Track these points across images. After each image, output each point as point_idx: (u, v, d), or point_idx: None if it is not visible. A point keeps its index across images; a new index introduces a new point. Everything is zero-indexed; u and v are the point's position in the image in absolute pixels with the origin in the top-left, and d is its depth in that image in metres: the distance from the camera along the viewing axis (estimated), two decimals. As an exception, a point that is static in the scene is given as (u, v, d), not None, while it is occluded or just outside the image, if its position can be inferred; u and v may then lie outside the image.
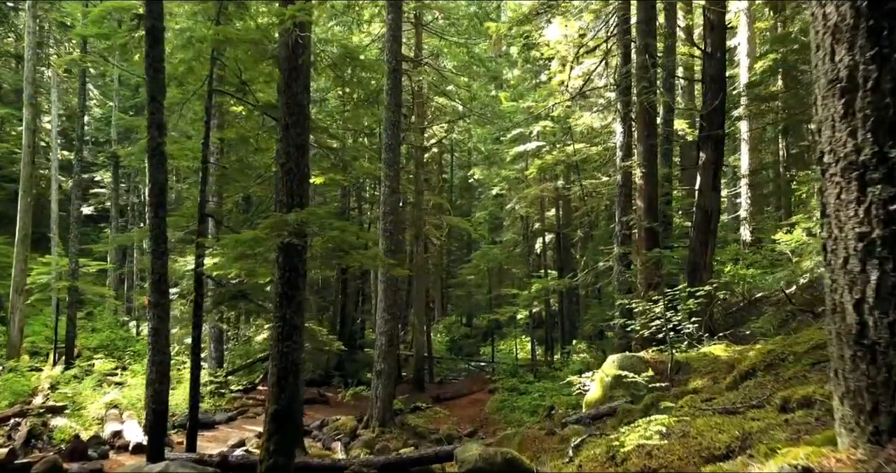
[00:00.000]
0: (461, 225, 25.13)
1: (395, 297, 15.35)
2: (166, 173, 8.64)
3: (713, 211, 12.72)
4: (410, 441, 14.34)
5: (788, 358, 5.55)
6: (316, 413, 17.50)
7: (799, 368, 5.20)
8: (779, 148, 24.56)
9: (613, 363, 9.02)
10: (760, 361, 5.78)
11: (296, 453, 7.22)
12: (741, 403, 4.46)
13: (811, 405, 3.60)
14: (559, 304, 25.52)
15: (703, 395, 5.44)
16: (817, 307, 11.41)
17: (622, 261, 13.57)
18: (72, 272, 20.54)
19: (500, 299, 27.35)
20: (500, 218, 34.19)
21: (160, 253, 8.61)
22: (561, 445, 6.90)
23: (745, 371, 5.86)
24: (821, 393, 3.57)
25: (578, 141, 21.60)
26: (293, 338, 7.14)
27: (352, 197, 29.64)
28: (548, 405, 16.10)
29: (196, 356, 9.31)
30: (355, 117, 22.35)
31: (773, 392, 4.72)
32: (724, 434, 3.47)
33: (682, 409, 4.89)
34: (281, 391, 7.00)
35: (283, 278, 7.17)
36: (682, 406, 5.07)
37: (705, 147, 12.77)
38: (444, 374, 26.37)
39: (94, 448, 11.44)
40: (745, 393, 4.84)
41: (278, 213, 6.77)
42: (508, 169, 26.27)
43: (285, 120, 7.40)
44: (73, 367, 18.80)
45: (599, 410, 8.21)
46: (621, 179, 14.03)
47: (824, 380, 3.89)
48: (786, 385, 4.89)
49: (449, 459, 8.75)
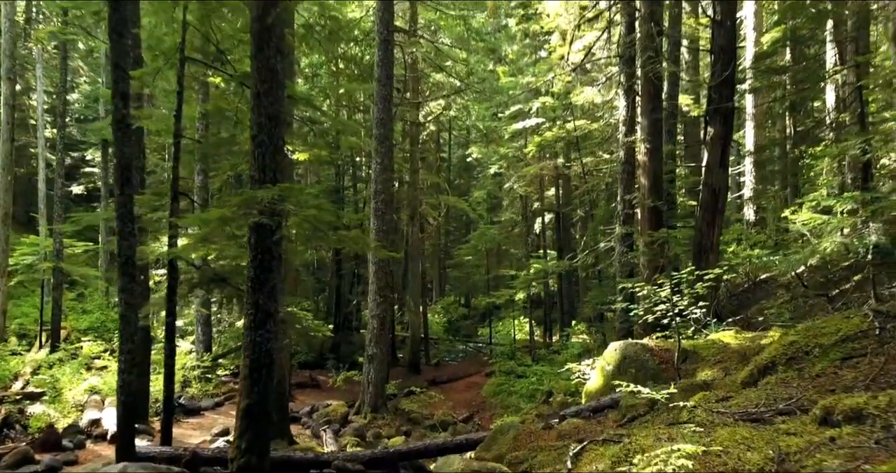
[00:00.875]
0: (458, 205, 24.47)
1: (388, 279, 14.76)
2: (133, 147, 7.98)
3: (721, 189, 12.06)
4: (403, 428, 13.86)
5: (813, 351, 4.95)
6: (307, 397, 17.01)
7: (827, 364, 4.61)
8: (786, 124, 23.82)
9: (615, 351, 8.44)
10: (781, 354, 5.19)
11: (271, 448, 6.66)
12: (765, 406, 3.88)
13: (861, 419, 3.00)
14: (558, 285, 24.96)
15: (717, 393, 4.85)
16: (831, 290, 10.83)
17: (624, 242, 12.94)
18: (56, 252, 19.91)
19: (498, 280, 26.81)
20: (499, 197, 33.51)
21: (127, 234, 7.98)
22: (559, 443, 6.34)
23: (764, 364, 5.26)
24: (875, 406, 2.96)
25: (579, 118, 20.84)
26: (267, 327, 6.53)
27: (346, 175, 28.94)
28: (546, 390, 15.61)
29: (170, 344, 8.71)
30: (348, 93, 21.61)
31: (802, 393, 4.12)
32: (755, 453, 2.89)
33: (695, 411, 4.30)
34: (253, 384, 6.41)
35: (255, 261, 6.55)
36: (694, 407, 4.48)
37: (713, 121, 12.07)
38: (441, 356, 25.91)
39: (69, 438, 10.91)
40: (767, 393, 4.25)
41: (248, 190, 6.13)
42: (507, 146, 25.53)
43: (256, 87, 6.71)
44: (59, 350, 18.28)
45: (601, 402, 7.65)
46: (624, 156, 13.34)
47: (870, 386, 3.30)
48: (815, 384, 4.30)
49: (438, 453, 8.23)
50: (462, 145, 36.55)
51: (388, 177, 14.41)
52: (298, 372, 21.08)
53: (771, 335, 7.80)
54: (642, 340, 8.88)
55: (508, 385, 17.71)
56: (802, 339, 5.20)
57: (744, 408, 3.96)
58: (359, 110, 25.33)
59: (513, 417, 13.57)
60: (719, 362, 7.42)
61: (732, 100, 12.10)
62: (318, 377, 19.94)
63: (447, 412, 15.38)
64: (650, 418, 6.30)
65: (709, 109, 12.16)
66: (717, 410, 4.12)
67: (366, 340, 14.62)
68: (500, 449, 6.94)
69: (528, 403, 15.56)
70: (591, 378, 8.99)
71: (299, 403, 16.20)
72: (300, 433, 12.90)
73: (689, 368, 7.67)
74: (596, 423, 7.01)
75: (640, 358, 8.08)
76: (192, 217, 7.42)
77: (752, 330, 9.33)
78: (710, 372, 7.20)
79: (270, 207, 6.18)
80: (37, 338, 20.74)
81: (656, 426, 4.65)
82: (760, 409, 3.87)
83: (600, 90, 20.48)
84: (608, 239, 13.95)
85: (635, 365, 8.06)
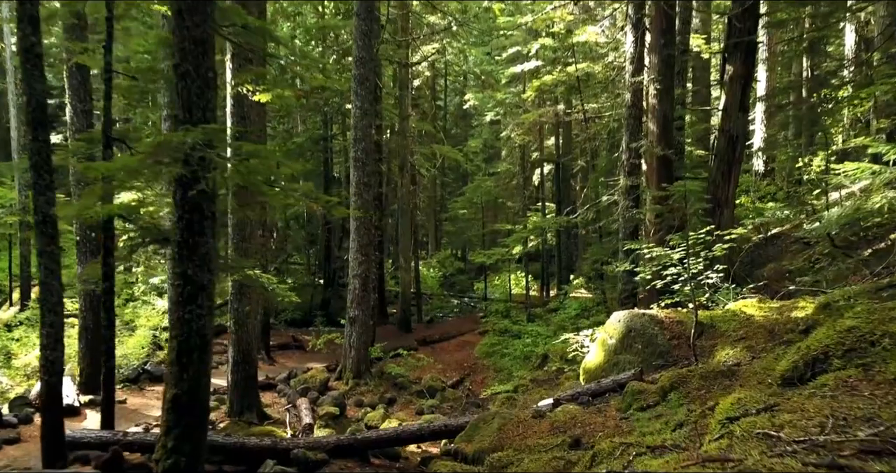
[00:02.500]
0: (451, 155, 23.02)
1: (370, 236, 13.55)
2: (45, 82, 6.64)
3: (739, 135, 10.75)
4: (387, 395, 12.93)
5: (882, 343, 3.79)
6: (288, 360, 16.07)
7: (907, 363, 3.45)
8: (803, 67, 22.19)
9: (619, 322, 7.32)
10: (836, 343, 4.03)
11: (204, 443, 5.58)
12: (837, 432, 2.76)
13: None
14: (556, 239, 23.81)
15: (753, 394, 3.72)
16: (862, 249, 9.64)
17: (629, 195, 11.68)
18: (23, 206, 18.71)
19: (495, 235, 25.67)
20: (496, 147, 31.98)
21: (44, 188, 6.74)
22: (551, 441, 5.26)
23: (813, 355, 4.11)
24: None
25: (581, 60, 19.23)
26: (198, 302, 5.36)
27: (335, 124, 27.35)
28: (541, 353, 14.65)
29: (109, 314, 7.59)
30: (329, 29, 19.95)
31: (881, 409, 2.98)
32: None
33: (731, 429, 3.18)
34: (182, 370, 5.29)
35: (182, 221, 5.33)
36: (729, 422, 3.35)
37: (733, 57, 10.65)
38: (434, 313, 24.98)
39: (16, 410, 9.96)
40: (831, 407, 3.12)
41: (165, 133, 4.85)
42: (504, 91, 23.92)
43: (178, 4, 5.35)
44: (28, 309, 17.30)
45: (601, 384, 6.56)
46: (630, 98, 11.91)
47: None
48: (894, 395, 3.15)
49: (413, 440, 7.21)
50: (459, 92, 34.77)
51: (368, 122, 13.02)
52: (283, 331, 20.16)
53: (802, 305, 6.66)
54: (650, 310, 7.75)
55: (502, 345, 16.76)
56: (865, 325, 4.04)
57: (805, 434, 2.84)
58: (349, 55, 23.59)
59: (505, 385, 12.64)
60: (742, 339, 6.30)
61: (756, 33, 10.66)
62: (304, 336, 18.99)
63: (436, 376, 14.43)
64: (662, 411, 5.21)
65: (728, 44, 10.73)
66: (763, 430, 3.00)
67: (347, 302, 13.53)
68: (483, 442, 5.89)
69: (521, 367, 14.62)
70: (591, 351, 7.90)
71: (279, 366, 15.27)
72: (274, 401, 11.96)
73: (705, 345, 6.56)
74: (595, 412, 5.94)
75: (647, 332, 6.96)
76: (88, 164, 6.13)
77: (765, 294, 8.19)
78: (731, 351, 6.09)
79: (192, 156, 4.91)
80: (7, 296, 19.78)
81: (675, 454, 3.53)
82: (830, 436, 2.75)
83: (604, 30, 18.81)
84: (611, 191, 12.68)
85: (642, 339, 6.95)
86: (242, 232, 9.99)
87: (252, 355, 10.27)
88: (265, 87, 8.95)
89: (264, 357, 15.52)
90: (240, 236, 9.96)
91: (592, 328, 10.17)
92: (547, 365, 13.00)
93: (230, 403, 10.20)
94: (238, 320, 10.00)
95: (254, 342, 10.35)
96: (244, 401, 10.07)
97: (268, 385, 12.82)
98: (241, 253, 9.85)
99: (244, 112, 9.93)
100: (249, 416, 9.96)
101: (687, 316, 7.12)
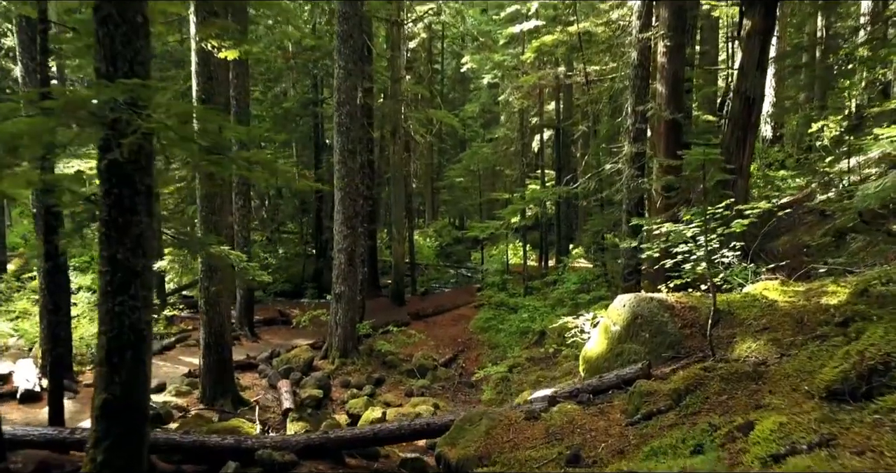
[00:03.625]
0: (447, 120, 21.99)
1: (356, 207, 12.68)
2: None
3: (756, 98, 9.81)
4: (375, 375, 12.26)
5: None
6: (273, 337, 15.35)
7: None
8: (816, 27, 20.97)
9: (624, 307, 6.52)
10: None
11: (143, 454, 4.83)
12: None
13: None
14: (556, 208, 22.93)
15: (794, 417, 2.95)
16: (889, 223, 8.79)
17: (634, 163, 10.77)
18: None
19: (493, 204, 24.76)
20: (494, 112, 30.82)
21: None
22: (545, 450, 4.51)
23: (870, 365, 3.31)
24: None
25: (583, 19, 18.07)
26: (131, 291, 4.55)
27: (326, 87, 26.16)
28: (538, 329, 13.95)
29: (53, 296, 6.81)
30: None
31: None
32: None
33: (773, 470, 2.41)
34: (113, 372, 4.50)
35: (109, 197, 4.48)
36: (773, 461, 2.58)
37: (752, 11, 9.64)
38: (431, 284, 24.25)
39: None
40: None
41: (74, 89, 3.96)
42: (502, 53, 22.73)
43: (96, -69, 4.40)
44: (2, 281, 16.53)
45: (604, 380, 5.79)
46: (637, 57, 10.90)
47: None
48: None
49: (391, 440, 6.48)
50: (457, 55, 33.42)
51: (353, 84, 12.02)
52: (271, 305, 19.43)
53: (832, 289, 5.86)
54: (659, 294, 6.95)
55: (498, 320, 16.07)
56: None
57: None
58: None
59: (499, 366, 11.94)
60: (766, 329, 5.51)
61: (778, -17, 9.64)
62: (292, 310, 18.24)
63: (427, 353, 13.76)
64: (676, 420, 4.45)
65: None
66: None
67: (332, 277, 12.75)
68: (468, 448, 5.14)
69: (518, 344, 13.93)
70: (592, 338, 7.12)
71: (263, 343, 14.57)
72: (255, 383, 11.28)
73: (722, 335, 5.77)
74: (597, 413, 5.18)
75: (656, 320, 6.17)
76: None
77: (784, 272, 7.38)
78: (753, 344, 5.30)
79: (113, 116, 4.04)
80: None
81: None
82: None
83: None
84: (615, 159, 11.76)
85: (650, 328, 6.16)
86: (211, 204, 9.13)
87: (225, 337, 9.52)
88: (231, 42, 8.01)
89: (247, 333, 14.83)
90: (208, 209, 9.11)
91: (592, 309, 9.40)
92: (544, 343, 12.29)
93: (202, 388, 9.51)
94: (208, 299, 9.22)
95: (227, 323, 9.58)
96: (217, 387, 9.37)
97: (248, 364, 12.13)
98: (209, 227, 9.01)
99: (211, 72, 8.97)
100: (223, 403, 9.27)
101: (700, 302, 6.33)
